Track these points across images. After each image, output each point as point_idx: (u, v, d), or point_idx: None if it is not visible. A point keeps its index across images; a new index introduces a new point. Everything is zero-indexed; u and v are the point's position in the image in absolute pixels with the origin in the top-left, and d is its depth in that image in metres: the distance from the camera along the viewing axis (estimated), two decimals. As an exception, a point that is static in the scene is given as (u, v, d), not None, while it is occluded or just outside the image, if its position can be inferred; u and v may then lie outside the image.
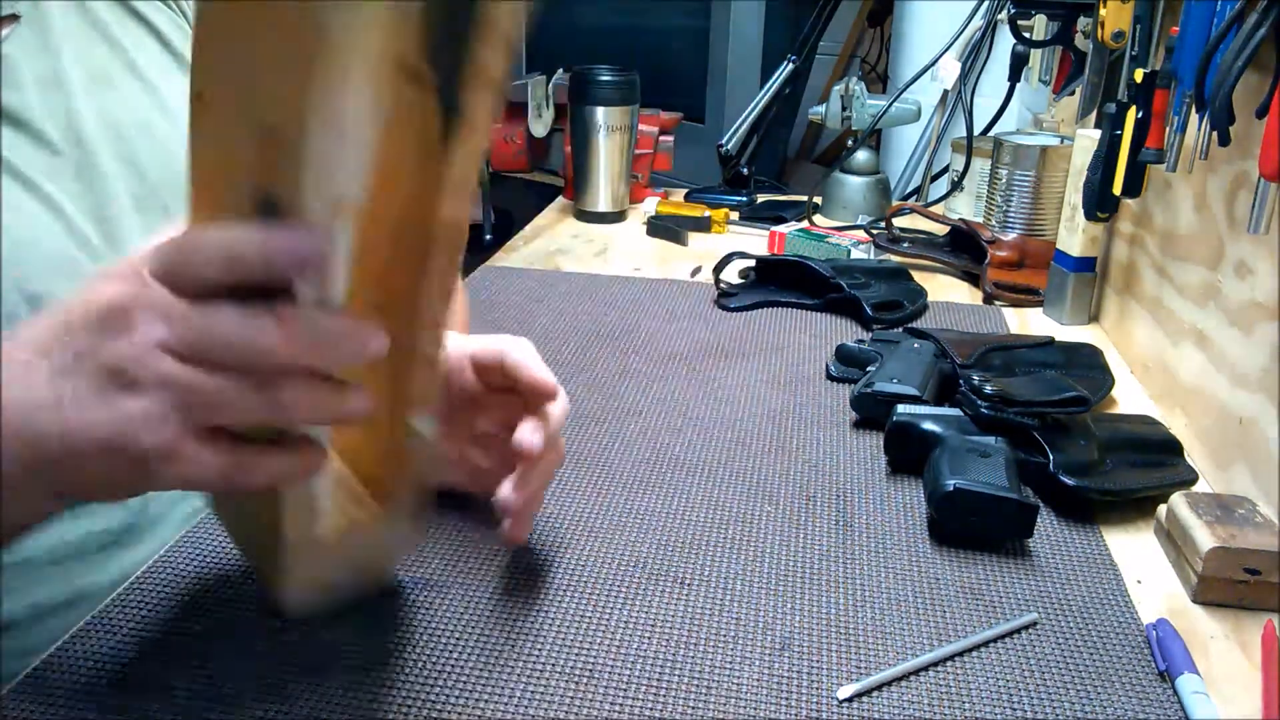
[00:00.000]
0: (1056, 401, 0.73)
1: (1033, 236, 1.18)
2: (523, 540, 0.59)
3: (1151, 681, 0.54)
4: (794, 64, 1.54)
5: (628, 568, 0.62)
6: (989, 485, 0.64)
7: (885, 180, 1.45)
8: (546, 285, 1.13)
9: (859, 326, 1.03)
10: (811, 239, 1.24)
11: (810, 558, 0.63)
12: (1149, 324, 0.92)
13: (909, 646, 0.55)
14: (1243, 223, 0.73)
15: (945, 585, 0.61)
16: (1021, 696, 0.52)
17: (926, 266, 1.21)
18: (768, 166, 2.06)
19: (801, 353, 0.96)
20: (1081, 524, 0.68)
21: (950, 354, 0.86)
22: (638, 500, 0.69)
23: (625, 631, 0.56)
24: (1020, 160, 1.17)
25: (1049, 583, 0.62)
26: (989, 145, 1.26)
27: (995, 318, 1.07)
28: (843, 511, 0.69)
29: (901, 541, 0.65)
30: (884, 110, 1.43)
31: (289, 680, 0.51)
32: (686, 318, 1.04)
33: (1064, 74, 1.14)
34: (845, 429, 0.81)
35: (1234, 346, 0.74)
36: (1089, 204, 0.95)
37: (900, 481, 0.73)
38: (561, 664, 0.53)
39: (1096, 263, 1.04)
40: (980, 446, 0.69)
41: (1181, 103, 0.76)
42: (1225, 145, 0.70)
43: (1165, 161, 0.82)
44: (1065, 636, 0.57)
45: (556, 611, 0.58)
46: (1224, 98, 0.67)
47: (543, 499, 0.62)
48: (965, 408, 0.75)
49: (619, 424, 0.80)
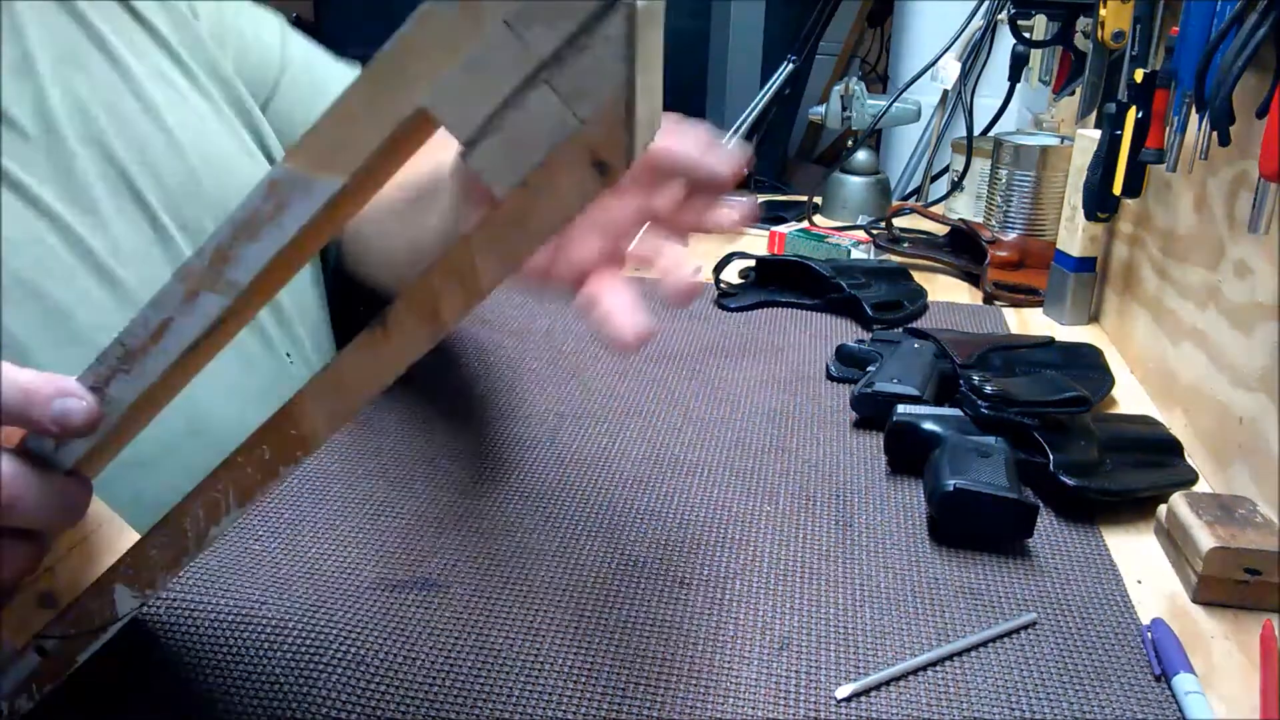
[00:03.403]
0: (1056, 401, 0.73)
1: (1033, 236, 1.18)
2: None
3: (1150, 682, 0.53)
4: (794, 64, 1.53)
5: (627, 567, 0.62)
6: (989, 485, 0.64)
7: (885, 180, 1.45)
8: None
9: (859, 326, 1.03)
10: (811, 239, 1.24)
11: (810, 558, 0.63)
12: (1149, 324, 0.92)
13: (908, 646, 0.55)
14: (1243, 223, 0.73)
15: (945, 585, 0.61)
16: (1020, 696, 0.52)
17: (926, 266, 1.21)
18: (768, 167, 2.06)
19: (801, 353, 0.96)
20: (1081, 524, 0.68)
21: (950, 354, 0.86)
22: (637, 500, 0.69)
23: (625, 631, 0.56)
24: (1020, 160, 1.17)
25: (1048, 583, 0.62)
26: (989, 145, 1.26)
27: (995, 318, 1.07)
28: (842, 511, 0.69)
29: (901, 541, 0.65)
30: (884, 110, 1.43)
31: (289, 680, 0.51)
32: (686, 318, 1.04)
33: (1064, 74, 1.14)
34: (845, 429, 0.81)
35: (1234, 346, 0.74)
36: (1089, 204, 0.95)
37: (900, 481, 0.73)
38: (561, 664, 0.53)
39: (1096, 263, 1.04)
40: (980, 446, 0.69)
41: (1181, 103, 0.76)
42: (1225, 145, 0.70)
43: (1165, 161, 0.82)
44: (1064, 637, 0.57)
45: (556, 611, 0.58)
46: (1224, 98, 0.67)
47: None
48: (965, 408, 0.75)
49: (619, 424, 0.80)
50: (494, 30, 0.30)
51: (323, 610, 0.57)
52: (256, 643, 0.54)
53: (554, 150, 0.32)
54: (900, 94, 1.45)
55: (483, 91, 0.31)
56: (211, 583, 0.59)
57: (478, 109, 0.32)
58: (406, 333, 0.35)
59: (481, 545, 0.64)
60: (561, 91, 0.31)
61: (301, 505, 0.67)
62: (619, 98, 0.31)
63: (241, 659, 0.53)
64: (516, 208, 0.33)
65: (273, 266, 0.35)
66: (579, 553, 0.63)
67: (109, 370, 0.37)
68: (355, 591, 0.59)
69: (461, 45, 0.31)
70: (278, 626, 0.55)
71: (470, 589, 0.59)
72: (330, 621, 0.56)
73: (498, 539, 0.64)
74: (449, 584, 0.60)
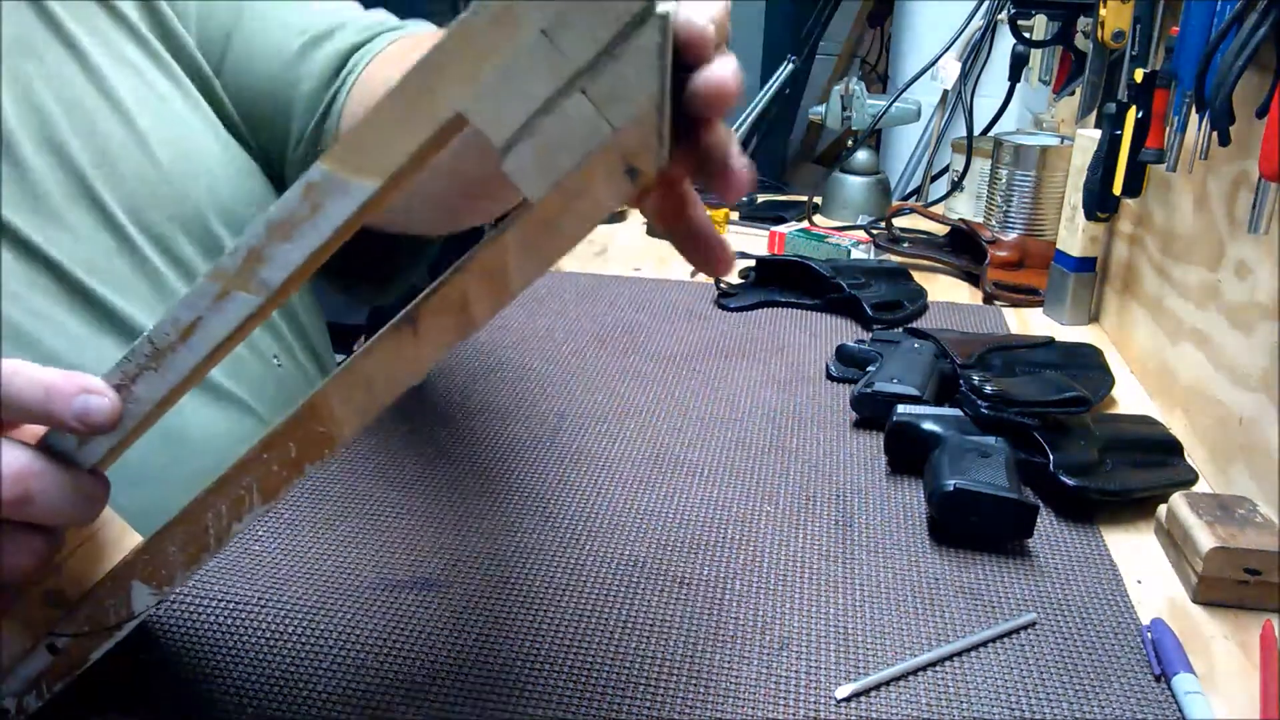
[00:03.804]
0: (1056, 401, 0.73)
1: (1033, 236, 1.18)
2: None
3: (1149, 682, 0.53)
4: (794, 64, 1.54)
5: (627, 567, 0.62)
6: (989, 485, 0.64)
7: (885, 180, 1.45)
8: (547, 285, 1.13)
9: (859, 326, 1.03)
10: (811, 239, 1.24)
11: (809, 558, 0.63)
12: (1149, 324, 0.92)
13: (908, 646, 0.55)
14: (1243, 223, 0.73)
15: (944, 585, 0.61)
16: (1020, 696, 0.52)
17: (926, 266, 1.21)
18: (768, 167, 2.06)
19: (801, 353, 0.96)
20: (1081, 524, 0.68)
21: (950, 354, 0.86)
22: (637, 499, 0.69)
23: (624, 631, 0.56)
24: (1020, 160, 1.17)
25: (1048, 583, 0.62)
26: (989, 145, 1.26)
27: (995, 318, 1.07)
28: (842, 511, 0.69)
29: (901, 541, 0.65)
30: (884, 110, 1.43)
31: (289, 680, 0.51)
32: (686, 318, 1.04)
33: (1064, 74, 1.14)
34: (845, 429, 0.81)
35: (1234, 346, 0.74)
36: (1089, 204, 0.95)
37: (900, 481, 0.73)
38: (561, 664, 0.53)
39: (1096, 263, 1.04)
40: (980, 446, 0.69)
41: (1181, 103, 0.76)
42: (1225, 145, 0.70)
43: (1165, 161, 0.82)
44: (1064, 637, 0.57)
45: (556, 611, 0.58)
46: (1224, 98, 0.67)
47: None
48: (965, 408, 0.75)
49: (619, 423, 0.80)
50: (531, 38, 0.31)
51: (322, 610, 0.57)
52: (256, 643, 0.54)
53: (587, 156, 0.32)
54: (900, 94, 1.45)
55: (519, 97, 0.32)
56: (211, 583, 0.59)
57: (513, 114, 0.32)
58: (436, 331, 0.36)
59: (481, 545, 0.64)
60: (596, 99, 0.32)
61: (301, 505, 0.67)
62: (652, 105, 0.32)
63: (241, 659, 0.53)
64: (549, 211, 0.34)
65: (304, 267, 0.36)
66: (579, 553, 0.63)
67: (137, 368, 0.38)
68: (355, 591, 0.59)
69: (499, 52, 0.32)
70: (278, 626, 0.55)
71: (470, 589, 0.59)
72: (330, 621, 0.56)
73: (498, 539, 0.64)
74: (449, 584, 0.60)
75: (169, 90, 0.70)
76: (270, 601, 0.57)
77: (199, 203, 0.69)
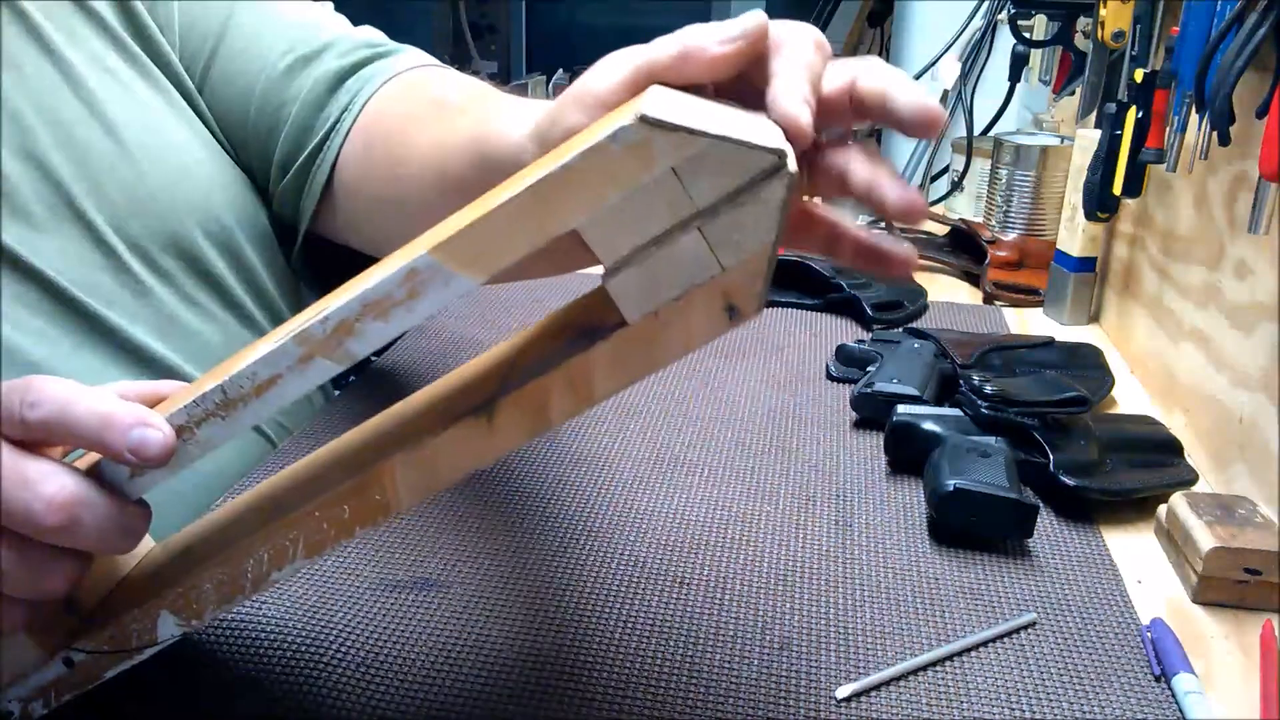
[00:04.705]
0: (1056, 401, 0.73)
1: (1033, 236, 1.18)
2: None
3: (1150, 682, 0.53)
4: (794, 64, 1.53)
5: (627, 567, 0.62)
6: (989, 485, 0.64)
7: (885, 180, 1.45)
8: (547, 285, 1.13)
9: (859, 326, 1.03)
10: (811, 239, 1.24)
11: (809, 558, 0.63)
12: (1149, 324, 0.92)
13: (908, 646, 0.55)
14: (1243, 223, 0.73)
15: (944, 585, 0.61)
16: (1020, 697, 0.52)
17: (926, 266, 1.21)
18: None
19: (801, 353, 0.96)
20: (1081, 524, 0.68)
21: (950, 354, 0.86)
22: (637, 499, 0.69)
23: (624, 631, 0.56)
24: (1020, 160, 1.17)
25: (1048, 583, 0.62)
26: (989, 145, 1.26)
27: (995, 318, 1.07)
28: (842, 511, 0.69)
29: (901, 541, 0.65)
30: (884, 110, 1.43)
31: (289, 680, 0.51)
32: (686, 318, 1.04)
33: (1064, 74, 1.14)
34: (845, 429, 0.81)
35: (1234, 346, 0.74)
36: (1089, 204, 0.95)
37: (900, 481, 0.73)
38: (561, 663, 0.53)
39: (1096, 263, 1.04)
40: (980, 446, 0.69)
41: (1181, 103, 0.76)
42: (1225, 145, 0.70)
43: (1165, 161, 0.82)
44: (1064, 637, 0.57)
45: (556, 611, 0.57)
46: (1224, 98, 0.67)
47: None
48: (965, 408, 0.75)
49: (619, 423, 0.80)
50: (661, 175, 0.32)
51: (323, 610, 0.57)
52: (256, 643, 0.54)
53: (691, 289, 0.34)
54: (900, 94, 1.44)
55: (636, 225, 0.33)
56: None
57: (627, 239, 0.34)
58: (511, 427, 0.37)
59: (481, 545, 0.64)
60: (711, 239, 0.33)
61: (301, 505, 0.67)
62: (763, 254, 0.33)
63: (241, 659, 0.53)
64: (644, 332, 0.35)
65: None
66: (579, 553, 0.63)
67: (204, 413, 0.38)
68: (355, 591, 0.59)
69: (626, 181, 0.33)
70: (278, 626, 0.55)
71: (470, 589, 0.59)
72: (330, 621, 0.56)
73: (497, 539, 0.64)
74: (449, 584, 0.60)
75: (151, 98, 0.68)
76: (270, 600, 0.57)
77: (183, 213, 0.68)
